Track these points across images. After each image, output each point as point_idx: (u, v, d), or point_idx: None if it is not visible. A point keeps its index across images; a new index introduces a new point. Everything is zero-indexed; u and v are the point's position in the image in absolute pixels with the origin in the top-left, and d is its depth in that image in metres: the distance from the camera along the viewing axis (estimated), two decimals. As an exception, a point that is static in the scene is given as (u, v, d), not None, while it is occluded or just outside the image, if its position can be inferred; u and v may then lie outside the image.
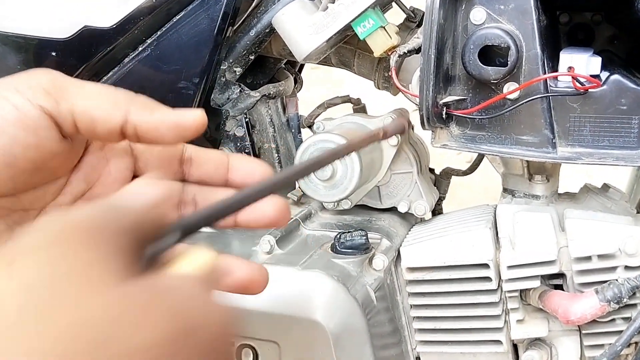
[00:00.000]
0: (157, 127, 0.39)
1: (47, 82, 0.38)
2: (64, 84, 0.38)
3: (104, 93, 0.39)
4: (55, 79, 0.39)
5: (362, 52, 0.96)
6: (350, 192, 0.87)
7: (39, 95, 0.37)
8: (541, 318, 0.85)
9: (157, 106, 0.40)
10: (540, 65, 0.74)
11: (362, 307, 0.78)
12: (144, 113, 0.39)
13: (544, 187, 0.91)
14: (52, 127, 0.38)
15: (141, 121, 0.39)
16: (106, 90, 0.39)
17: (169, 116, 0.40)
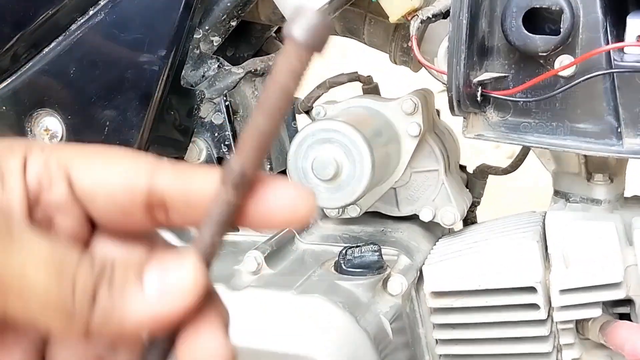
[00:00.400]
0: (131, 335, 0.36)
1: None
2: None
3: (52, 295, 0.33)
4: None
5: (374, 16, 0.97)
6: (358, 195, 0.87)
7: None
8: (603, 356, 0.86)
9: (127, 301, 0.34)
10: (602, 33, 0.75)
11: (374, 342, 0.79)
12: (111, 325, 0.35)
13: (606, 189, 0.91)
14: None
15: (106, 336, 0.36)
16: (56, 287, 0.33)
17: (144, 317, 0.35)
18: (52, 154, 0.37)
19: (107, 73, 0.87)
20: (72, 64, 0.87)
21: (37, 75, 0.88)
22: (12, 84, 0.89)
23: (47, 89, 0.89)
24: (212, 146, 0.95)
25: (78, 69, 0.87)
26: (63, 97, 0.88)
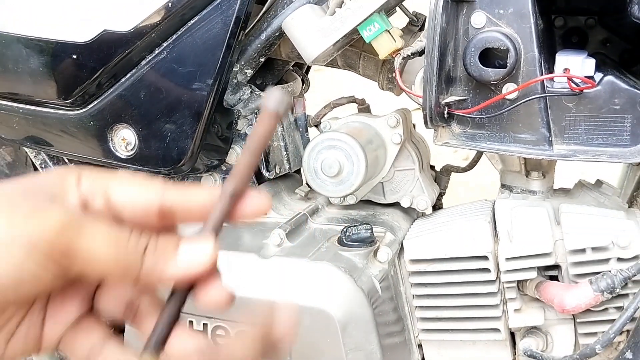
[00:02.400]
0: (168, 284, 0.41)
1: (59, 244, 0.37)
2: (74, 246, 0.37)
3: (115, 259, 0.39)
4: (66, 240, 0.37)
5: (367, 54, 0.97)
6: (356, 187, 0.87)
7: (51, 263, 0.37)
8: (537, 307, 0.86)
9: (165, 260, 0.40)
10: (537, 67, 0.74)
11: (368, 297, 0.79)
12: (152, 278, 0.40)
13: (540, 183, 0.91)
14: (61, 282, 0.39)
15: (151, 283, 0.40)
16: (117, 254, 0.39)
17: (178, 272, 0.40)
18: (97, 177, 0.42)
19: (168, 97, 0.86)
20: (142, 90, 0.87)
21: (116, 99, 0.88)
22: (97, 105, 0.89)
23: (124, 109, 0.88)
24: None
25: (147, 94, 0.87)
26: (136, 115, 0.88)
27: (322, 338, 0.77)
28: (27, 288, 0.37)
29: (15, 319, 0.41)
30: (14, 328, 0.41)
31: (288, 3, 0.87)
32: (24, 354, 0.42)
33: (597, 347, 0.76)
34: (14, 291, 0.37)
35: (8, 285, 0.37)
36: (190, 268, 0.40)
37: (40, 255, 0.37)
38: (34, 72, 0.89)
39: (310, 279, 0.79)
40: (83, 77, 0.86)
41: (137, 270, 0.39)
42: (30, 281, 0.37)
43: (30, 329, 0.42)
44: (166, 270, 0.40)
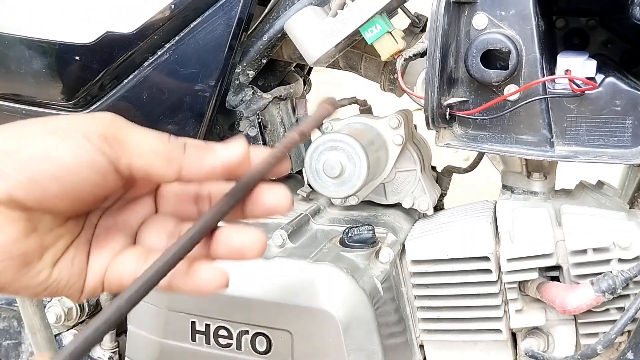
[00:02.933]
0: (209, 175, 0.43)
1: (110, 134, 0.40)
2: (125, 139, 0.41)
3: (159, 150, 0.41)
4: (118, 133, 0.41)
5: (369, 55, 0.97)
6: (358, 188, 0.87)
7: (105, 146, 0.40)
8: (539, 308, 0.86)
9: (207, 153, 0.42)
10: (539, 68, 0.75)
11: (369, 298, 0.79)
12: (195, 166, 0.42)
13: (541, 184, 0.91)
14: (115, 172, 0.41)
15: (193, 174, 0.42)
16: (161, 146, 0.41)
17: (218, 160, 0.42)
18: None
19: (170, 98, 0.87)
20: (145, 91, 0.87)
21: (118, 100, 0.88)
22: (100, 107, 0.89)
23: (126, 110, 0.88)
24: (248, 153, 0.95)
25: (149, 95, 0.87)
26: (138, 116, 0.88)
27: (324, 338, 0.77)
28: (82, 175, 0.39)
29: (64, 239, 0.43)
30: (62, 250, 0.43)
31: (290, 4, 0.87)
32: (68, 283, 0.43)
33: (599, 348, 0.76)
34: (72, 175, 0.39)
35: (68, 165, 0.39)
36: (228, 157, 0.42)
37: (95, 138, 0.40)
38: (37, 73, 0.89)
39: (312, 279, 0.79)
40: (86, 78, 0.87)
41: (180, 161, 0.42)
42: (87, 165, 0.39)
43: (76, 256, 0.44)
44: (207, 160, 0.42)
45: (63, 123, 0.40)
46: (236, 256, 0.44)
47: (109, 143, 0.40)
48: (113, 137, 0.40)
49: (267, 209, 0.44)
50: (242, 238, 0.43)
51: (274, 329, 0.79)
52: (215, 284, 0.44)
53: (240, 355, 0.81)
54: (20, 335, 1.09)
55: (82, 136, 0.39)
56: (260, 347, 0.80)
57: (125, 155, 0.40)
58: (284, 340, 0.79)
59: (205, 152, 0.43)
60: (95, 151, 0.39)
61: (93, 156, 0.39)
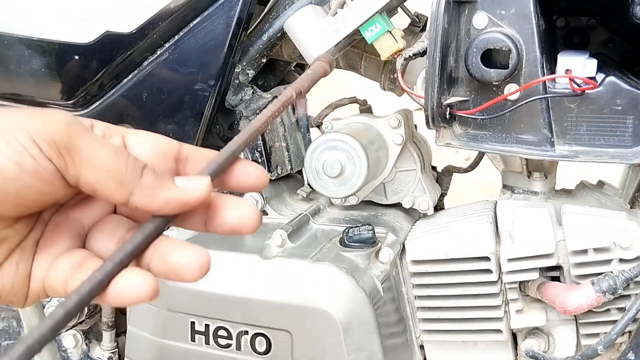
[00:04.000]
0: (160, 208, 0.39)
1: (61, 139, 0.37)
2: (77, 147, 0.37)
3: (113, 169, 0.37)
4: (70, 140, 0.37)
5: (369, 55, 0.97)
6: (358, 188, 0.87)
7: (53, 153, 0.36)
8: (539, 308, 0.86)
9: (161, 184, 0.39)
10: (539, 67, 0.74)
11: (369, 298, 0.79)
12: (147, 196, 0.38)
13: (542, 183, 0.91)
14: (62, 180, 0.38)
15: (143, 203, 0.38)
16: (116, 166, 0.38)
17: (172, 196, 0.39)
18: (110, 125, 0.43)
19: (170, 97, 0.86)
20: (145, 91, 0.87)
21: (118, 99, 0.88)
22: (99, 106, 0.89)
23: (125, 109, 0.88)
24: (247, 152, 0.95)
25: (149, 94, 0.87)
26: (138, 115, 0.88)
27: (324, 339, 0.77)
28: (26, 182, 0.36)
29: (9, 242, 0.40)
30: (7, 253, 0.40)
31: (290, 4, 0.87)
32: (12, 289, 0.40)
33: (599, 348, 0.76)
34: (15, 182, 0.36)
35: (10, 170, 0.35)
36: (186, 195, 0.39)
37: (43, 143, 0.36)
38: (36, 73, 0.89)
39: (312, 279, 0.79)
40: (85, 78, 0.87)
41: (133, 185, 0.38)
42: (30, 173, 0.36)
43: (22, 259, 0.40)
44: (162, 192, 0.38)
45: (10, 122, 0.36)
46: (171, 275, 0.39)
47: (58, 150, 0.36)
48: (64, 144, 0.37)
49: (228, 227, 0.41)
50: (180, 257, 0.39)
51: (273, 329, 0.79)
52: (140, 294, 0.38)
53: (240, 356, 0.81)
54: (19, 335, 1.09)
55: (29, 139, 0.36)
56: (260, 348, 0.80)
57: (74, 165, 0.37)
58: (283, 341, 0.79)
59: (163, 182, 0.39)
60: (41, 158, 0.36)
61: (39, 163, 0.36)
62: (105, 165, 0.37)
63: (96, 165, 0.37)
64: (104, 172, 0.37)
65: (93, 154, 0.37)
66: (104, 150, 0.38)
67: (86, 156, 0.37)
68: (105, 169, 0.37)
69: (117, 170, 0.38)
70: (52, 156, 0.36)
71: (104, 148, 0.38)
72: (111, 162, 0.38)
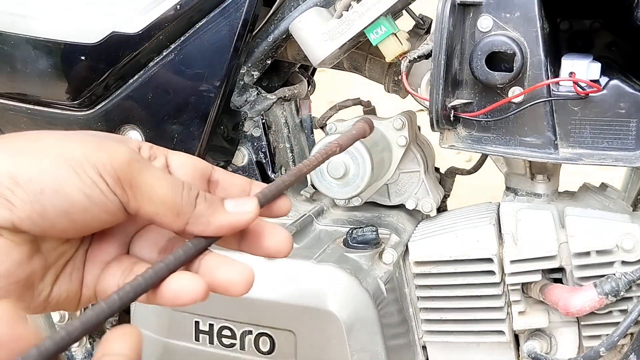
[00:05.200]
0: (215, 233, 0.42)
1: (124, 175, 0.39)
2: (137, 181, 0.39)
3: (170, 202, 0.40)
4: (132, 174, 0.39)
5: (373, 57, 0.97)
6: (362, 189, 0.88)
7: (117, 188, 0.39)
8: (542, 310, 0.86)
9: (214, 211, 0.41)
10: (543, 70, 0.75)
11: (373, 299, 0.79)
12: (201, 225, 0.41)
13: (545, 186, 0.91)
14: (124, 211, 0.40)
15: (199, 231, 0.41)
16: (173, 198, 0.40)
17: (224, 221, 0.41)
18: (154, 146, 0.45)
19: (175, 98, 0.87)
20: (150, 92, 0.87)
21: (123, 100, 0.89)
22: (105, 107, 0.90)
23: (131, 110, 0.89)
24: (252, 153, 0.95)
25: (154, 95, 0.87)
26: (143, 116, 0.88)
27: (327, 339, 0.77)
28: (93, 213, 0.39)
29: (65, 256, 0.42)
30: (62, 265, 0.42)
31: (295, 6, 0.88)
32: (67, 298, 0.42)
33: (601, 350, 0.76)
34: (82, 213, 0.38)
35: (80, 202, 0.38)
36: (237, 219, 0.41)
37: (110, 178, 0.38)
38: (43, 73, 0.89)
39: (316, 280, 0.79)
40: (91, 78, 0.87)
41: (189, 214, 0.41)
42: (98, 205, 0.38)
43: (74, 270, 0.43)
44: (215, 219, 0.41)
45: (79, 154, 0.38)
46: (218, 290, 0.41)
47: (122, 185, 0.39)
48: (127, 180, 0.39)
49: (264, 252, 0.44)
50: (229, 273, 0.41)
51: (277, 329, 0.79)
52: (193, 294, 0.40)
53: (244, 355, 0.81)
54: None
55: (97, 173, 0.38)
56: (264, 347, 0.80)
57: (135, 199, 0.39)
58: (287, 341, 0.79)
59: (215, 209, 0.41)
60: (108, 192, 0.38)
61: (107, 196, 0.38)
62: (163, 200, 0.40)
63: (155, 200, 0.40)
64: (163, 206, 0.40)
65: (153, 189, 0.40)
66: (163, 185, 0.40)
67: (146, 192, 0.40)
68: (164, 203, 0.40)
69: (174, 203, 0.40)
70: (116, 191, 0.39)
71: (162, 182, 0.40)
72: (169, 196, 0.40)
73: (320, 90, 1.26)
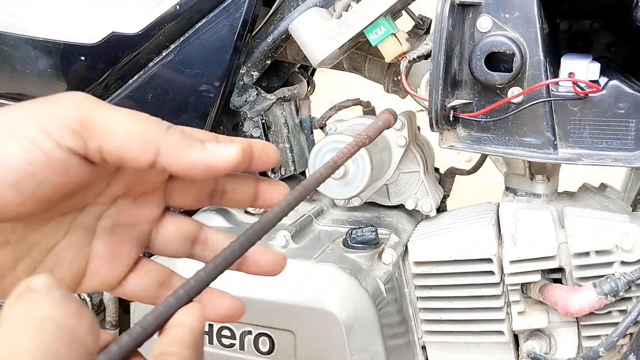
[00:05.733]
0: (188, 169, 0.37)
1: (74, 120, 0.35)
2: (91, 120, 0.35)
3: (135, 130, 0.35)
4: (83, 115, 0.35)
5: (373, 57, 0.97)
6: (361, 189, 0.88)
7: (67, 136, 0.34)
8: (541, 310, 0.86)
9: (189, 144, 0.36)
10: (542, 71, 0.75)
11: (372, 299, 0.79)
12: (174, 155, 0.36)
13: (544, 186, 0.91)
14: (80, 163, 0.36)
15: (171, 163, 0.36)
16: (137, 126, 0.35)
17: (200, 157, 0.36)
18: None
19: (175, 98, 0.87)
20: (150, 92, 0.87)
21: (123, 100, 0.88)
22: (104, 106, 0.90)
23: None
24: (253, 153, 0.95)
25: (154, 95, 0.87)
26: (143, 116, 0.88)
27: (327, 339, 0.77)
28: (41, 177, 0.34)
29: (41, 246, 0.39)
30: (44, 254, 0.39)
31: (295, 6, 0.88)
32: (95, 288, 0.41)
33: (601, 350, 0.77)
34: (30, 181, 0.34)
35: (23, 172, 0.33)
36: (215, 159, 0.36)
37: (55, 128, 0.34)
38: (42, 73, 0.89)
39: (315, 280, 0.79)
40: (91, 78, 0.87)
41: (158, 144, 0.35)
42: (45, 167, 0.34)
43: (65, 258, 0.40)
44: (190, 152, 0.36)
45: (15, 115, 0.34)
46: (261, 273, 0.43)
47: (72, 130, 0.34)
48: (79, 121, 0.34)
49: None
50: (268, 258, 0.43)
51: (277, 330, 0.80)
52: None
53: (243, 356, 0.81)
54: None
55: (39, 130, 0.34)
56: (263, 348, 0.80)
57: (94, 138, 0.35)
58: (287, 341, 0.79)
59: (190, 143, 0.36)
60: (53, 147, 0.34)
61: (49, 154, 0.34)
62: (124, 128, 0.35)
63: (116, 131, 0.35)
64: (126, 135, 0.35)
65: (110, 120, 0.35)
66: (122, 115, 0.36)
67: (105, 126, 0.35)
68: (127, 132, 0.35)
69: (139, 130, 0.35)
70: (66, 139, 0.34)
71: (121, 114, 0.36)
72: (130, 124, 0.35)
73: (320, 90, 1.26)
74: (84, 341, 0.28)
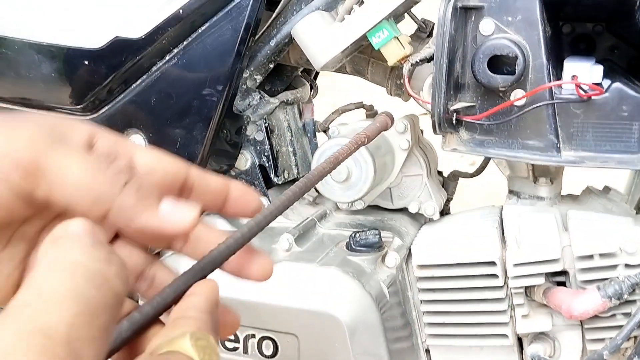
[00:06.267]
0: (137, 234, 0.36)
1: (26, 161, 0.33)
2: (44, 165, 0.33)
3: (87, 185, 0.34)
4: (36, 158, 0.33)
5: (375, 60, 0.97)
6: (364, 193, 0.88)
7: (16, 176, 0.33)
8: (545, 313, 0.86)
9: (143, 208, 0.35)
10: (545, 73, 0.75)
11: (376, 302, 0.79)
12: (124, 217, 0.34)
13: (548, 189, 0.91)
14: (26, 202, 0.34)
15: (121, 224, 0.35)
16: (90, 180, 0.34)
17: (152, 222, 0.35)
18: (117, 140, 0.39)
19: (178, 102, 0.87)
20: (153, 96, 0.87)
21: (127, 104, 0.89)
22: (108, 111, 0.90)
23: (134, 114, 0.89)
24: (255, 157, 0.95)
25: (157, 99, 0.87)
26: (146, 120, 0.88)
27: (330, 343, 0.77)
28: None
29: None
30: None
31: (297, 10, 0.88)
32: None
33: (605, 353, 0.76)
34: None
35: None
36: (168, 226, 0.35)
37: (7, 165, 0.33)
38: (46, 77, 0.89)
39: (318, 283, 0.79)
40: (94, 82, 0.87)
41: (109, 203, 0.34)
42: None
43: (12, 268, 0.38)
44: (142, 217, 0.35)
45: None
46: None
47: (22, 172, 0.33)
48: (29, 164, 0.33)
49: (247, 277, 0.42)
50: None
51: (280, 333, 0.79)
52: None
53: (247, 359, 0.81)
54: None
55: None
56: (267, 351, 0.80)
57: (43, 185, 0.33)
58: (290, 344, 0.79)
59: (144, 206, 0.35)
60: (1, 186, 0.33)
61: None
62: (77, 180, 0.33)
63: (67, 182, 0.33)
64: (76, 188, 0.34)
65: (63, 169, 0.33)
66: (77, 164, 0.34)
67: (55, 174, 0.33)
68: (78, 184, 0.33)
69: (91, 184, 0.34)
70: (14, 179, 0.33)
71: (77, 161, 0.34)
72: (82, 177, 0.34)
73: (323, 94, 1.26)
74: (112, 285, 0.30)
